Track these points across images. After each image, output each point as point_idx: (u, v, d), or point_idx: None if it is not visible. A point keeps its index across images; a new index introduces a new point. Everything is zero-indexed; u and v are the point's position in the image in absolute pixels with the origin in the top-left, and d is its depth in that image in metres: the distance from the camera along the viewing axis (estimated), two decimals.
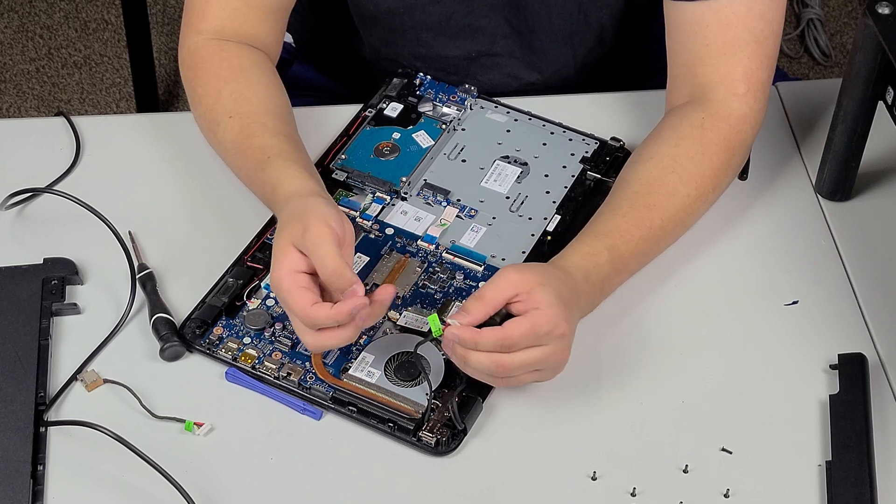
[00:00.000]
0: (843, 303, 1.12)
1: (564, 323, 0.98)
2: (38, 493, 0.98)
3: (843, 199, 1.20)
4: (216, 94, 1.14)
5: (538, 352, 0.98)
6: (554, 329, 0.97)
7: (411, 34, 1.28)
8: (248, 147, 1.10)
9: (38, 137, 1.25)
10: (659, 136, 1.14)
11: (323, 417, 1.03)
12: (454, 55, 1.29)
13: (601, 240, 1.06)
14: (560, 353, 0.99)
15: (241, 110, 1.12)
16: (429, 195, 1.18)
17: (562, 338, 0.98)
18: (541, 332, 0.97)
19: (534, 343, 0.98)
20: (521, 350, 0.98)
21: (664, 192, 1.10)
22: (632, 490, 0.99)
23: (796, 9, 2.50)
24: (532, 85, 1.32)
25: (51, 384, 1.04)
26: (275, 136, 1.10)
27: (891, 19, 1.07)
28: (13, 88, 2.33)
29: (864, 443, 1.00)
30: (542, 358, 0.98)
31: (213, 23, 1.18)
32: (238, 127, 1.12)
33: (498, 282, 0.99)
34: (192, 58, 1.17)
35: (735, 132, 1.13)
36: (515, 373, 0.99)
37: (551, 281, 1.00)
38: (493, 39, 1.28)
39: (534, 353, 0.98)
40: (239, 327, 1.07)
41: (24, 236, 1.15)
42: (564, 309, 0.98)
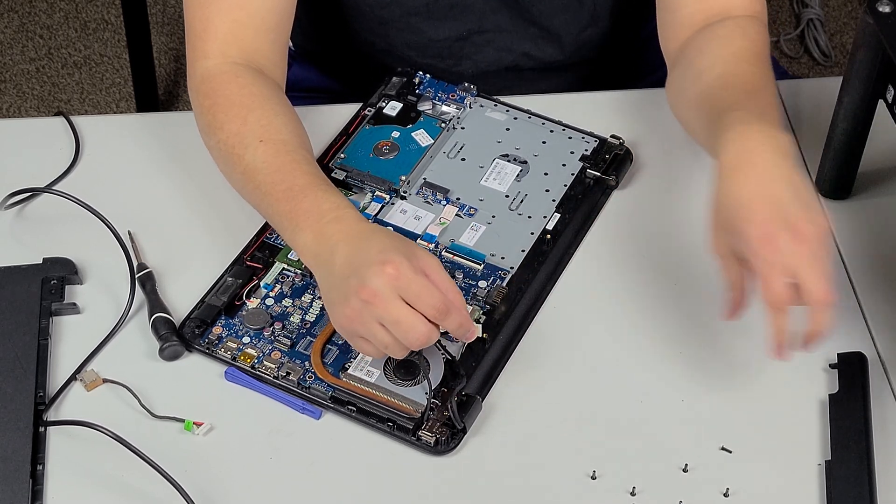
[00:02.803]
0: (843, 301, 1.12)
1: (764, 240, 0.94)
2: (38, 492, 0.98)
3: (843, 198, 1.20)
4: (241, 121, 1.11)
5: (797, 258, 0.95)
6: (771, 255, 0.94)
7: (400, 21, 1.28)
8: (295, 169, 1.06)
9: (38, 137, 1.25)
10: (702, 49, 1.15)
11: (322, 417, 1.03)
12: (445, 37, 1.29)
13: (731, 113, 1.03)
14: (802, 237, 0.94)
15: (273, 137, 1.09)
16: (428, 194, 1.18)
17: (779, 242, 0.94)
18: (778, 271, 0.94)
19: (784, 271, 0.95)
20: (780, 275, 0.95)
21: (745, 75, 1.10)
22: (632, 490, 0.99)
23: (796, 9, 2.50)
24: (527, 56, 1.31)
25: (50, 384, 1.04)
26: (321, 173, 1.08)
27: (891, 18, 1.07)
28: (13, 88, 2.33)
29: (863, 442, 1.00)
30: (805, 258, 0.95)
31: (217, 41, 1.15)
32: (273, 151, 1.08)
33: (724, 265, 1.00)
34: (208, 84, 1.14)
35: (765, 31, 1.17)
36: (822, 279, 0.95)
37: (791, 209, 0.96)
38: (482, 16, 1.28)
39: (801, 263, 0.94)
40: (238, 327, 1.07)
41: (23, 236, 1.15)
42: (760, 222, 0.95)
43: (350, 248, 0.98)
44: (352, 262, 0.97)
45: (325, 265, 1.00)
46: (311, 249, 1.02)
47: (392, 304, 0.94)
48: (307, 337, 1.07)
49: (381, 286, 0.94)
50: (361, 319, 0.96)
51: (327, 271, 1.00)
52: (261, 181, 1.08)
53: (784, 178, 0.98)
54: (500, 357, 1.07)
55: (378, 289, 0.94)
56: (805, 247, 0.95)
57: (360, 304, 0.95)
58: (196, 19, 1.16)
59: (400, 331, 0.95)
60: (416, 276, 0.95)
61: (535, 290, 1.12)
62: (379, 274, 0.94)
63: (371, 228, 1.01)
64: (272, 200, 1.06)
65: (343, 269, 0.98)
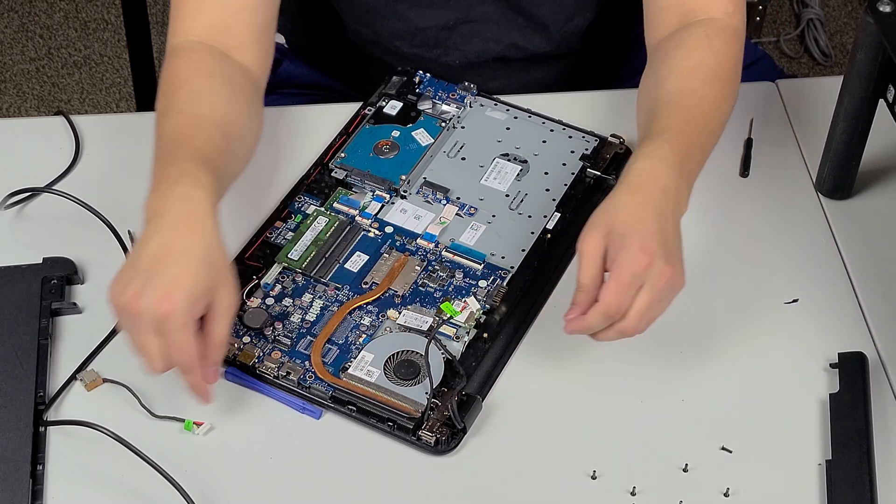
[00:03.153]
0: (844, 301, 1.12)
1: (641, 254, 0.97)
2: (38, 492, 0.97)
3: (843, 198, 1.20)
4: (174, 91, 1.10)
5: (643, 295, 0.98)
6: (636, 267, 0.97)
7: (386, 8, 1.28)
8: (187, 140, 1.04)
9: (38, 137, 1.25)
10: (668, 55, 1.15)
11: (322, 416, 1.03)
12: (432, 25, 1.29)
13: (656, 138, 1.06)
14: (661, 277, 0.98)
15: (193, 111, 1.07)
16: (428, 193, 1.18)
17: (649, 267, 0.97)
18: (627, 281, 0.97)
19: (632, 292, 0.98)
20: (630, 307, 0.98)
21: (694, 96, 1.11)
22: (632, 489, 0.99)
23: (796, 9, 2.50)
24: (514, 47, 1.31)
25: (50, 384, 1.04)
26: (214, 151, 1.05)
27: (892, 17, 1.07)
28: (13, 88, 2.33)
29: (864, 442, 1.00)
30: (650, 297, 0.98)
31: (185, 21, 1.14)
32: (184, 122, 1.06)
33: (583, 262, 1.00)
34: (168, 60, 1.14)
35: (735, 40, 1.16)
36: (643, 320, 0.99)
37: (616, 219, 1.00)
38: (468, 5, 1.28)
39: (641, 298, 0.98)
40: (238, 326, 1.07)
41: (23, 236, 1.15)
42: (638, 237, 0.98)
43: (166, 239, 0.96)
44: (155, 259, 0.95)
45: (147, 231, 0.98)
46: (150, 209, 0.99)
47: (145, 333, 0.95)
48: (307, 337, 1.07)
49: (148, 312, 0.94)
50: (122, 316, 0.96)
51: (144, 240, 0.97)
52: (157, 145, 1.06)
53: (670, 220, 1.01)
54: (500, 357, 1.07)
55: (145, 311, 0.93)
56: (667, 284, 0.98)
57: (127, 302, 0.95)
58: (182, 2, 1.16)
59: (140, 354, 0.96)
60: (181, 331, 0.93)
61: (535, 290, 1.12)
62: (154, 303, 0.93)
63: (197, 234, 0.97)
64: (156, 157, 1.05)
65: (148, 257, 0.96)
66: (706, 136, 1.10)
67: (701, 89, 1.11)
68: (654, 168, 1.03)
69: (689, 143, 1.07)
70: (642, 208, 1.00)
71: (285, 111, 1.32)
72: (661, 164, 1.03)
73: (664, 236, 0.99)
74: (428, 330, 1.07)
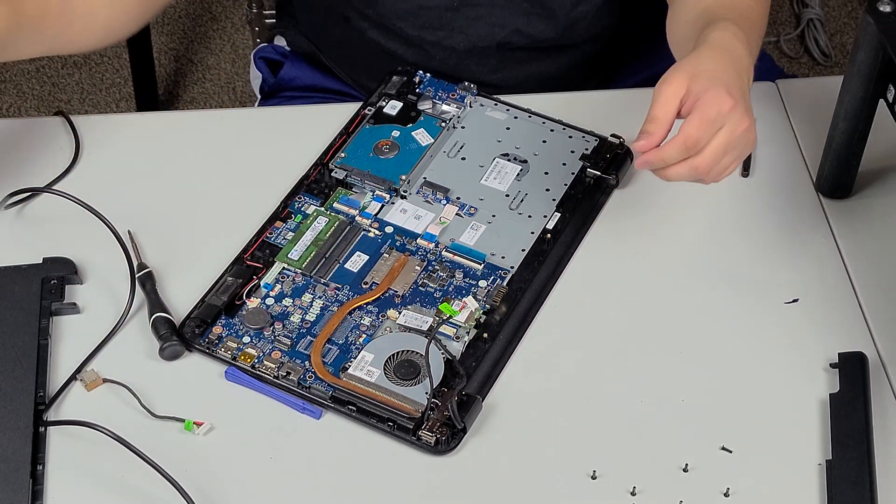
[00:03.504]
0: (844, 301, 1.12)
1: (727, 96, 1.02)
2: (38, 492, 0.97)
3: (843, 197, 1.20)
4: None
5: (722, 135, 1.02)
6: (721, 106, 1.02)
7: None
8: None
9: (38, 137, 1.25)
10: None
11: (322, 416, 1.03)
12: (436, 5, 1.29)
13: (724, 20, 1.10)
14: (741, 124, 1.03)
15: None
16: (428, 193, 1.18)
17: (733, 110, 1.02)
18: (712, 117, 1.01)
19: (713, 130, 1.02)
20: (707, 144, 1.02)
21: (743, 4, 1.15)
22: (632, 489, 0.99)
23: (796, 9, 2.50)
24: (518, 33, 1.31)
25: (50, 384, 1.04)
26: None
27: (892, 17, 1.06)
28: (13, 88, 2.33)
29: (864, 442, 1.00)
30: (728, 139, 1.03)
31: None
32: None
33: (660, 99, 1.03)
34: None
35: None
36: (716, 165, 1.04)
37: (701, 67, 1.04)
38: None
39: (719, 138, 1.02)
40: (238, 326, 1.07)
41: (23, 236, 1.15)
42: (723, 83, 1.02)
43: None
44: None
45: None
46: None
47: None
48: (307, 336, 1.07)
49: None
50: None
51: None
52: None
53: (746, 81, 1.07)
54: (500, 357, 1.07)
55: None
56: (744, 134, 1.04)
57: None
58: None
59: None
60: None
61: (535, 290, 1.12)
62: None
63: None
64: None
65: None
66: (757, 38, 1.14)
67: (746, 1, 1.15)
68: (731, 39, 1.08)
69: (750, 33, 1.12)
70: (726, 63, 1.06)
71: (285, 111, 1.32)
72: (735, 38, 1.08)
73: (743, 91, 1.05)
74: (428, 330, 1.07)
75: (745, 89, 1.06)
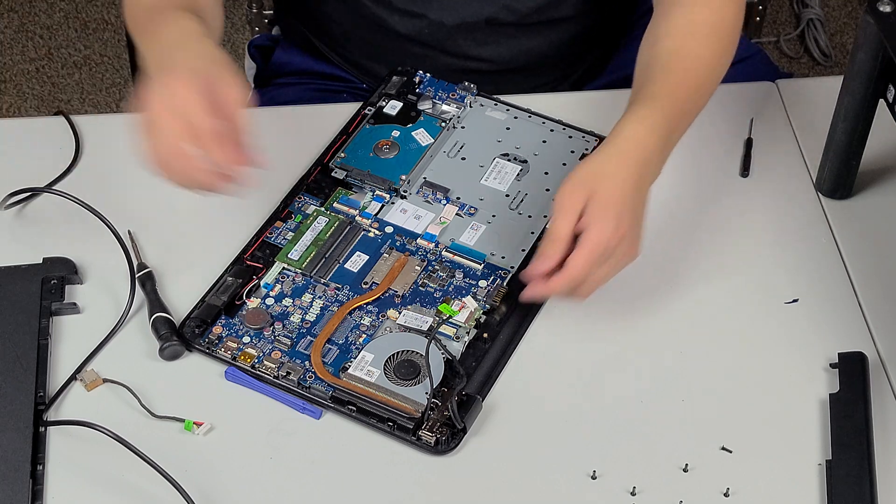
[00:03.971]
0: (844, 301, 1.12)
1: (615, 231, 1.01)
2: (38, 492, 0.97)
3: (843, 197, 1.20)
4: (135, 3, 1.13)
5: (606, 267, 1.03)
6: (609, 242, 1.01)
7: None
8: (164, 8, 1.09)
9: (38, 137, 1.25)
10: (668, 13, 1.16)
11: (322, 416, 1.03)
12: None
13: (650, 103, 1.08)
14: (626, 255, 1.03)
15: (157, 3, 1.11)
16: (428, 193, 1.18)
17: (620, 243, 1.02)
18: (599, 252, 1.01)
19: (599, 264, 1.02)
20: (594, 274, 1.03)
21: (691, 57, 1.13)
22: (632, 489, 0.99)
23: (796, 9, 2.50)
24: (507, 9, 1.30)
25: (50, 384, 1.04)
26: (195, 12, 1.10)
27: (892, 17, 1.06)
28: (13, 88, 2.33)
29: (864, 442, 1.00)
30: (611, 271, 1.04)
31: None
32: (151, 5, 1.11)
33: (558, 216, 1.03)
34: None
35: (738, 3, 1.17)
36: (594, 290, 1.04)
37: (601, 183, 1.03)
38: None
39: (603, 269, 1.03)
40: (238, 326, 1.07)
41: (23, 236, 1.15)
42: (617, 209, 1.02)
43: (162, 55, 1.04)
44: (159, 69, 1.02)
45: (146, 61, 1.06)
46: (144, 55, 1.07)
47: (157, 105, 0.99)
48: (307, 337, 1.07)
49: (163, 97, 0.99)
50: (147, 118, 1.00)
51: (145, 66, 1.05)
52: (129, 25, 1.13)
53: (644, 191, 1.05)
54: (500, 357, 1.07)
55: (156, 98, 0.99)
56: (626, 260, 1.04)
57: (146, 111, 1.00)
58: None
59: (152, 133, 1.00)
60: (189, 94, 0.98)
61: None
62: (164, 87, 0.99)
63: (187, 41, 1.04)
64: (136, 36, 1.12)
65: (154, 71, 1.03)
66: (697, 99, 1.13)
67: (697, 49, 1.13)
68: (644, 135, 1.06)
69: (680, 110, 1.10)
70: (625, 182, 1.04)
71: (285, 111, 1.32)
72: (651, 132, 1.06)
73: (636, 214, 1.04)
74: (428, 330, 1.07)
75: (640, 204, 1.04)
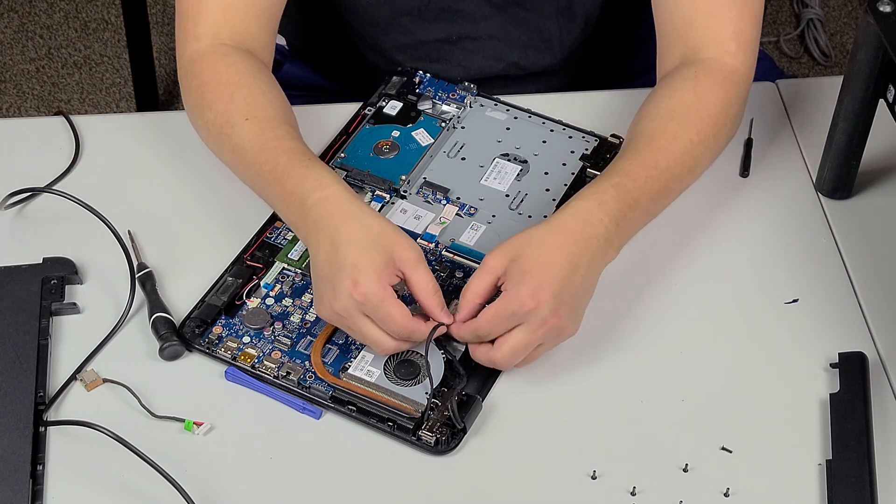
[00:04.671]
0: (844, 301, 1.12)
1: (528, 298, 0.98)
2: (38, 492, 0.97)
3: (843, 198, 1.20)
4: (228, 99, 1.12)
5: (520, 333, 1.00)
6: (518, 308, 0.99)
7: (392, 22, 1.28)
8: (277, 147, 1.08)
9: (38, 137, 1.25)
10: (654, 94, 1.15)
11: (322, 416, 1.03)
12: (434, 39, 1.29)
13: (606, 179, 1.07)
14: (544, 324, 0.99)
15: (258, 114, 1.11)
16: (428, 193, 1.18)
17: (532, 312, 0.99)
18: (505, 315, 0.99)
19: (506, 325, 1.00)
20: (503, 336, 1.00)
21: (665, 137, 1.10)
22: (632, 489, 0.99)
23: (796, 9, 2.50)
24: (516, 66, 1.31)
25: (50, 384, 1.04)
26: (304, 145, 1.10)
27: (892, 17, 1.06)
28: (13, 88, 2.33)
29: (864, 442, 1.00)
30: (527, 339, 1.00)
31: (208, 24, 1.16)
32: (258, 129, 1.10)
33: (478, 274, 1.02)
34: (196, 65, 1.16)
35: (729, 83, 1.14)
36: (514, 360, 1.01)
37: (528, 252, 1.01)
38: (473, 21, 1.28)
39: (517, 335, 1.00)
40: (238, 326, 1.07)
41: (23, 236, 1.15)
42: (535, 280, 0.99)
43: (330, 248, 1.01)
44: (330, 265, 1.00)
45: (312, 251, 1.04)
46: (300, 231, 1.06)
47: (359, 321, 1.00)
48: (307, 337, 1.07)
49: (349, 305, 0.99)
50: (334, 321, 1.02)
51: (313, 259, 1.03)
52: (249, 161, 1.10)
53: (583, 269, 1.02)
54: None
55: (346, 307, 0.99)
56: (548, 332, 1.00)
57: (332, 313, 1.00)
58: (188, 3, 1.17)
59: (368, 342, 1.01)
60: (382, 303, 0.98)
61: None
62: (348, 295, 0.98)
63: (351, 222, 1.02)
64: (261, 182, 1.09)
65: (323, 267, 1.01)
66: (667, 181, 1.09)
67: (674, 130, 1.11)
68: (590, 212, 1.04)
69: (641, 189, 1.07)
70: (556, 252, 1.01)
71: None
72: (599, 210, 1.04)
73: (564, 286, 1.00)
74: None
75: (574, 280, 1.00)
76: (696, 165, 1.12)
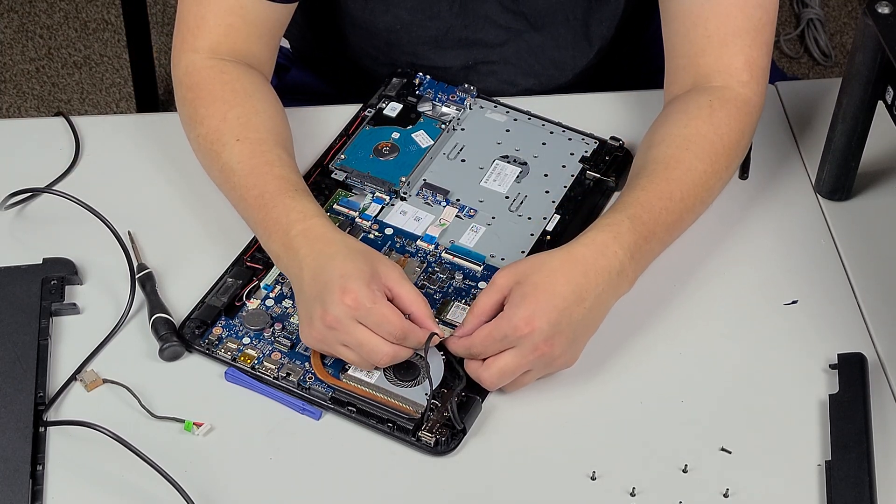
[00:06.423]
0: (843, 302, 1.12)
1: (523, 323, 0.98)
2: (38, 492, 0.98)
3: (842, 199, 1.20)
4: (221, 117, 1.12)
5: (510, 356, 1.00)
6: (512, 332, 0.98)
7: (408, 48, 1.28)
8: (266, 173, 1.08)
9: (38, 137, 1.25)
10: (667, 119, 1.15)
11: (322, 417, 1.03)
12: (451, 66, 1.29)
13: (621, 211, 1.06)
14: (535, 350, 0.99)
15: (250, 136, 1.11)
16: (428, 195, 1.18)
17: (526, 337, 0.98)
18: (498, 336, 0.99)
19: (498, 347, 1.00)
20: (493, 356, 1.00)
21: (681, 168, 1.10)
22: (631, 490, 0.99)
23: (796, 9, 2.50)
24: (529, 91, 1.32)
25: (50, 384, 1.04)
26: (294, 172, 1.10)
27: (891, 19, 1.07)
28: (13, 88, 2.33)
29: (863, 443, 1.00)
30: (517, 362, 1.00)
31: (208, 39, 1.15)
32: (249, 151, 1.10)
33: (485, 292, 1.02)
34: (191, 78, 1.15)
35: (743, 113, 1.14)
36: (501, 382, 1.01)
37: (533, 277, 1.00)
38: (489, 49, 1.28)
39: (506, 358, 1.00)
40: (238, 327, 1.07)
41: (23, 236, 1.15)
42: (534, 305, 0.99)
43: (314, 267, 1.01)
44: (316, 283, 1.00)
45: (295, 279, 1.03)
46: (281, 260, 1.05)
47: (353, 329, 0.99)
48: None
49: (341, 314, 0.98)
50: (327, 341, 1.01)
51: (297, 286, 1.03)
52: (236, 183, 1.10)
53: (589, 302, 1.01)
54: None
55: (339, 316, 0.98)
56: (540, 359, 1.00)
57: (324, 329, 0.99)
58: (190, 13, 1.17)
59: (364, 352, 1.00)
60: (374, 305, 0.98)
61: None
62: (339, 303, 0.98)
63: (334, 244, 1.02)
64: (246, 205, 1.09)
65: (309, 289, 1.01)
66: (681, 212, 1.09)
67: (690, 161, 1.10)
68: (605, 244, 1.03)
69: (656, 221, 1.07)
70: (562, 281, 1.00)
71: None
72: (615, 242, 1.04)
73: (563, 316, 0.99)
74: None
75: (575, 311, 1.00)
76: (708, 196, 1.13)
